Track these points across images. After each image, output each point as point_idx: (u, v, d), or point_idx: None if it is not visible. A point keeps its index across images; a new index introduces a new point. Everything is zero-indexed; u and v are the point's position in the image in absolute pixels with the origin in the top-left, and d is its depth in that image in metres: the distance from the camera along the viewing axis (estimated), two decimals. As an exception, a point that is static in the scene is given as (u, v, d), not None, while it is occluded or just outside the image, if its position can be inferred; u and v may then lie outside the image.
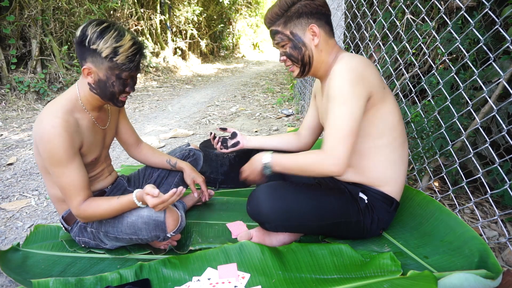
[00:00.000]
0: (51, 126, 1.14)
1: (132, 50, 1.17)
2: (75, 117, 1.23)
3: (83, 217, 1.24)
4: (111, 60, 1.15)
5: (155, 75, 7.67)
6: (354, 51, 2.44)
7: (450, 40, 1.71)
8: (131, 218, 1.25)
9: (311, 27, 1.18)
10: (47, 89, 4.83)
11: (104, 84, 1.20)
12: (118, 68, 1.17)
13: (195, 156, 1.67)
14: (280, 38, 1.21)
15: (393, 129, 1.21)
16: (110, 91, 1.22)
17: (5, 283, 1.32)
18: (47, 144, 1.14)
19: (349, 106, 1.08)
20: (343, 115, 1.08)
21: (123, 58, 1.15)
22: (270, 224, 1.21)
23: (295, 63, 1.24)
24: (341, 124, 1.08)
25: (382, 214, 1.27)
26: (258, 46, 16.06)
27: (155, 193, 1.14)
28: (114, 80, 1.19)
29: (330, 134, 1.09)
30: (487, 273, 0.99)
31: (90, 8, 5.64)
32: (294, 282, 1.10)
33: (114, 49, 1.14)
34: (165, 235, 1.24)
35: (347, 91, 1.08)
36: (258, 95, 5.67)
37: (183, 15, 9.35)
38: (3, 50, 4.68)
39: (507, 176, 1.33)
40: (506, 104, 1.38)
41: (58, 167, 1.17)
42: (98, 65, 1.17)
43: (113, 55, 1.14)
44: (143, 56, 1.23)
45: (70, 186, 1.19)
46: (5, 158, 2.82)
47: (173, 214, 1.25)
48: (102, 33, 1.13)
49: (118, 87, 1.21)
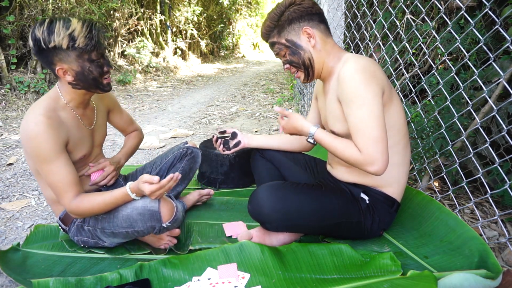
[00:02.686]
0: (34, 123, 1.14)
1: (86, 28, 1.15)
2: (58, 114, 1.24)
3: (77, 213, 1.23)
4: (74, 48, 1.15)
5: (155, 75, 7.67)
6: (354, 51, 2.44)
7: (450, 40, 1.71)
8: (126, 210, 1.25)
9: (305, 30, 1.19)
10: (47, 89, 4.83)
11: (83, 74, 1.20)
12: (85, 51, 1.16)
13: (193, 154, 1.65)
14: (278, 48, 1.24)
15: (399, 130, 1.21)
16: (91, 78, 1.22)
17: (5, 283, 1.32)
18: (32, 141, 1.15)
19: (369, 105, 1.05)
20: (366, 117, 1.05)
21: (82, 40, 1.14)
22: (271, 224, 1.21)
23: (298, 68, 1.25)
24: (365, 127, 1.05)
25: (383, 215, 1.27)
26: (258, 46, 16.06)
27: (155, 180, 1.14)
28: (89, 65, 1.19)
29: (360, 141, 1.06)
30: (487, 273, 0.99)
31: (90, 8, 5.64)
32: (294, 282, 1.10)
33: (70, 36, 1.13)
34: (160, 225, 1.24)
35: (363, 91, 1.06)
36: (258, 95, 5.67)
37: (183, 15, 9.35)
38: (3, 50, 4.68)
39: (507, 176, 1.34)
40: (506, 104, 1.38)
41: (45, 163, 1.17)
42: (67, 60, 1.17)
43: (73, 42, 1.14)
44: (100, 30, 1.21)
45: (59, 183, 1.19)
46: (5, 158, 2.82)
47: (168, 204, 1.25)
48: (50, 28, 1.12)
49: (96, 70, 1.21)
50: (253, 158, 1.66)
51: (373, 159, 1.04)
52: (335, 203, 1.22)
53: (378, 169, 1.04)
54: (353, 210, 1.24)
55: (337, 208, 1.22)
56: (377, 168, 1.04)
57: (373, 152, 1.04)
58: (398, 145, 1.22)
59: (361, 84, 1.07)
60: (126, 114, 1.62)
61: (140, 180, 1.18)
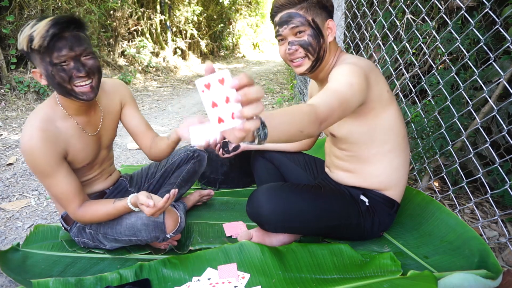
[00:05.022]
0: (28, 138, 1.09)
1: (48, 27, 0.99)
2: (56, 125, 1.16)
3: (81, 222, 1.24)
4: (33, 50, 1.02)
5: (155, 75, 7.67)
6: (354, 51, 2.43)
7: (450, 40, 1.70)
8: (130, 219, 1.25)
9: (329, 22, 1.14)
10: (47, 89, 4.83)
11: (50, 78, 1.07)
12: (45, 53, 1.03)
13: (199, 157, 1.63)
14: (300, 22, 1.10)
15: (397, 134, 1.20)
16: (56, 83, 1.08)
17: (5, 283, 1.32)
18: (28, 156, 1.10)
19: (348, 88, 0.96)
20: (338, 89, 0.95)
21: (37, 40, 0.99)
22: (270, 226, 1.20)
23: (310, 54, 1.13)
24: (334, 94, 0.92)
25: (383, 217, 1.27)
26: (258, 46, 16.04)
27: (151, 204, 1.10)
28: (51, 68, 1.05)
29: (321, 95, 0.92)
30: (487, 273, 0.99)
31: (90, 8, 5.64)
32: (294, 282, 1.10)
33: (29, 37, 1.01)
34: (164, 236, 1.24)
35: (349, 76, 0.99)
36: (258, 95, 5.66)
37: (183, 15, 9.35)
38: (3, 50, 4.68)
39: (507, 176, 1.33)
40: (506, 104, 1.38)
41: (44, 178, 1.14)
42: (35, 62, 1.07)
43: (31, 43, 1.01)
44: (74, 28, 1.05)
45: (61, 195, 1.17)
46: (5, 158, 2.82)
47: (173, 215, 1.25)
48: (22, 30, 1.03)
49: (58, 75, 1.05)
50: (253, 158, 1.66)
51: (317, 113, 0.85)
52: (335, 205, 1.21)
53: (317, 127, 0.84)
54: (352, 212, 1.23)
55: (336, 210, 1.21)
56: (316, 125, 0.84)
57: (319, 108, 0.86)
58: (397, 148, 1.22)
59: (348, 72, 1.01)
60: (140, 116, 1.42)
61: (138, 199, 1.15)
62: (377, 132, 1.17)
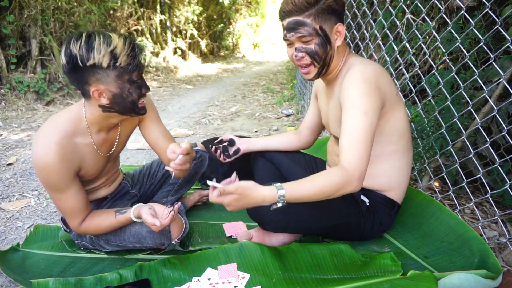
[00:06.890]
0: (45, 153, 1.06)
1: (128, 46, 1.03)
2: (75, 141, 1.14)
3: (83, 234, 1.25)
4: (114, 67, 1.02)
5: (155, 75, 7.67)
6: (354, 51, 2.43)
7: (450, 40, 1.70)
8: (135, 227, 1.24)
9: (338, 26, 1.10)
10: (47, 89, 4.83)
11: (121, 96, 1.08)
12: (126, 71, 1.04)
13: (201, 158, 1.62)
14: (307, 31, 1.07)
15: (402, 136, 1.20)
16: (129, 101, 1.10)
17: (5, 283, 1.32)
18: (42, 170, 1.08)
19: (369, 118, 1.02)
20: (361, 129, 1.01)
21: (125, 58, 1.03)
22: (270, 225, 1.20)
23: (316, 62, 1.12)
24: (360, 137, 1.00)
25: (384, 218, 1.27)
26: (258, 46, 16.04)
27: (157, 224, 1.10)
28: (129, 86, 1.07)
29: (351, 149, 1.00)
30: (487, 273, 0.99)
31: (90, 8, 5.64)
32: (294, 282, 1.10)
33: (111, 54, 1.01)
34: (170, 242, 1.24)
35: (364, 101, 1.02)
36: (258, 95, 5.67)
37: (183, 15, 9.35)
38: (3, 50, 4.68)
39: (507, 176, 1.33)
40: (507, 104, 1.38)
41: (54, 192, 1.13)
42: (105, 80, 1.04)
43: (114, 61, 1.01)
44: (142, 49, 1.10)
45: (67, 209, 1.17)
46: (5, 158, 2.82)
47: (178, 222, 1.24)
48: (88, 44, 0.99)
49: (136, 92, 1.09)
50: (253, 158, 1.65)
51: (358, 175, 0.99)
52: (335, 205, 1.21)
53: (355, 188, 0.99)
54: (352, 212, 1.23)
55: (336, 210, 1.21)
56: (354, 186, 0.99)
57: (361, 168, 0.99)
58: (400, 150, 1.21)
59: (363, 94, 1.03)
60: (160, 129, 1.35)
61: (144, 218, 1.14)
62: (382, 134, 1.17)
